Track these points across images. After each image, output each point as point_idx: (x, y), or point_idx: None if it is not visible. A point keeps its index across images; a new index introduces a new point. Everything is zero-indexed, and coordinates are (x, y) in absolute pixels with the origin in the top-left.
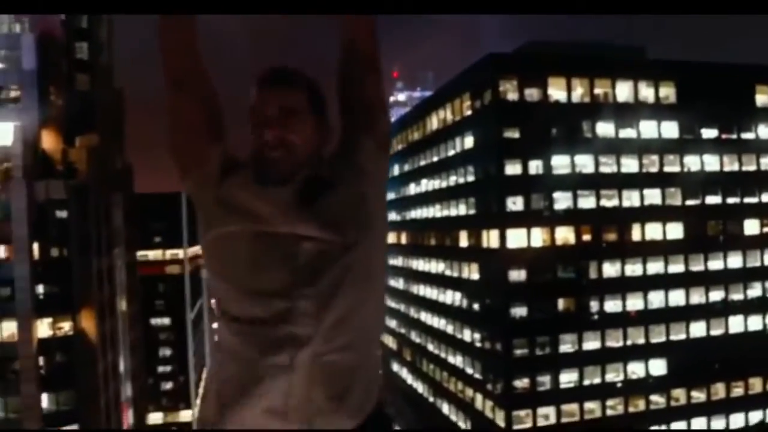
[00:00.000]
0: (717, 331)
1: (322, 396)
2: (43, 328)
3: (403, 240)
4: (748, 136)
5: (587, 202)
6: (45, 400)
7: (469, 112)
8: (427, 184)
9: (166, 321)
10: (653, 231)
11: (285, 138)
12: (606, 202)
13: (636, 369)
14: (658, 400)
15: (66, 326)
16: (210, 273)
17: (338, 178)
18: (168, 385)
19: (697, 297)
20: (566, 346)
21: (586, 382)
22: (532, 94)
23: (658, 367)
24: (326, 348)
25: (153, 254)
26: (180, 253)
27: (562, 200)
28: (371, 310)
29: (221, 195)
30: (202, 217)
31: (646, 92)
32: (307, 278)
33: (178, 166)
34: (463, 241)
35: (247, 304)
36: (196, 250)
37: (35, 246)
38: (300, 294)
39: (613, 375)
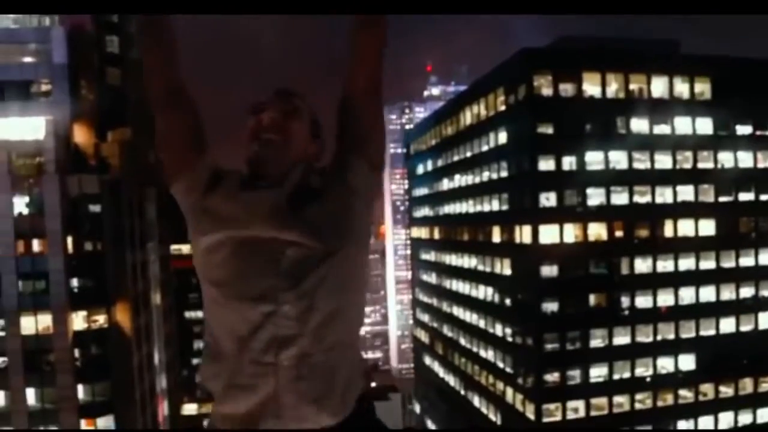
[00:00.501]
0: (746, 327)
1: (309, 392)
2: (78, 321)
3: (437, 235)
4: None
5: (620, 198)
6: (81, 390)
7: (502, 108)
8: (460, 180)
9: (199, 314)
10: (685, 227)
11: (282, 124)
12: (639, 199)
13: (665, 364)
14: (686, 394)
15: (101, 319)
16: (200, 279)
17: (327, 190)
18: None
19: (728, 293)
20: (597, 341)
21: (616, 377)
22: (567, 89)
23: (687, 362)
24: (314, 348)
25: (186, 248)
26: None
27: (595, 196)
28: (352, 312)
29: (206, 204)
30: (189, 225)
31: (681, 88)
32: (289, 282)
33: (166, 175)
34: (496, 236)
35: (233, 308)
36: None
37: (69, 240)
38: (283, 298)
39: (643, 369)
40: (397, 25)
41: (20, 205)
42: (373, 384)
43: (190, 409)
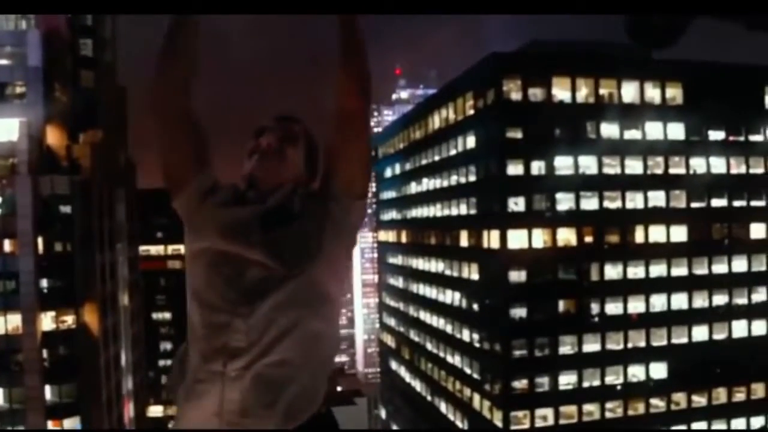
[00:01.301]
0: (720, 336)
1: (253, 402)
2: (47, 321)
3: (404, 238)
4: (756, 138)
5: (590, 203)
6: (48, 391)
7: (471, 112)
8: (428, 183)
9: (167, 315)
10: (657, 233)
11: (278, 147)
12: (609, 204)
13: (636, 372)
14: (658, 403)
15: (69, 320)
16: (187, 282)
17: (305, 212)
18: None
19: (700, 301)
20: (566, 348)
21: (586, 384)
22: (536, 93)
23: (659, 370)
24: (260, 361)
25: (155, 249)
26: (181, 248)
27: (564, 201)
28: (313, 331)
29: (199, 216)
30: (185, 233)
31: (653, 93)
32: (247, 298)
33: (168, 189)
34: (464, 240)
35: (198, 314)
36: None
37: (39, 240)
38: (238, 312)
39: (613, 377)
40: (365, 28)
41: None
42: (339, 388)
43: (155, 410)
